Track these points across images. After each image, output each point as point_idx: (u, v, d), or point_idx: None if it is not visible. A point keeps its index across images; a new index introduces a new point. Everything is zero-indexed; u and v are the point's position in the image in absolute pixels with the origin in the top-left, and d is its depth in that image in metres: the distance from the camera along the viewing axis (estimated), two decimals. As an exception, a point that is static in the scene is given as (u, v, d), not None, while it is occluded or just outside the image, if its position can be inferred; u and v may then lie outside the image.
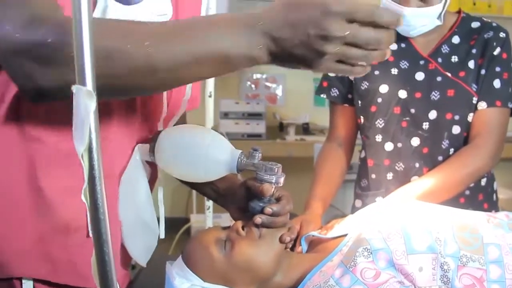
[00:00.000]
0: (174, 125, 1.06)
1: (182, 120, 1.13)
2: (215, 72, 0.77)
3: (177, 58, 0.70)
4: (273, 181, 0.93)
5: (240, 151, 0.93)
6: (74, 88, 0.46)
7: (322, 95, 1.63)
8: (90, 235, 0.50)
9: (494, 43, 1.42)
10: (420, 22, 1.40)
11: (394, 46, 1.50)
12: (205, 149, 0.92)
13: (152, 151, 0.95)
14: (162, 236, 1.13)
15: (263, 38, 0.69)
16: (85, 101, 0.45)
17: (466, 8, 4.11)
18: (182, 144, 0.94)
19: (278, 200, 0.99)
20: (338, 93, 1.59)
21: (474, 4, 4.18)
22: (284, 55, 0.71)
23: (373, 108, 1.49)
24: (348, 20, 0.67)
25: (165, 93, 1.03)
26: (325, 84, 1.62)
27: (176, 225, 3.34)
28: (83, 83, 0.46)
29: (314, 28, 0.67)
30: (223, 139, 0.95)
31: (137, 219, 0.99)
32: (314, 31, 0.67)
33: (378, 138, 1.50)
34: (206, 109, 2.31)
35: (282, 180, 0.95)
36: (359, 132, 1.62)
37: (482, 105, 1.41)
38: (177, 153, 0.94)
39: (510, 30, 1.52)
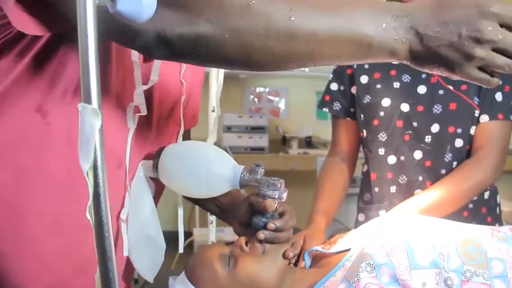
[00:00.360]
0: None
1: (187, 135, 1.13)
2: (350, 56, 0.70)
3: (318, 30, 0.65)
4: (276, 196, 0.94)
5: (243, 166, 0.94)
6: (80, 106, 0.47)
7: (324, 109, 1.64)
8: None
9: None
10: None
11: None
12: (207, 165, 0.92)
13: (155, 167, 0.96)
14: (181, 251, 1.14)
15: (408, 32, 0.66)
16: (91, 119, 0.46)
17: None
18: (185, 160, 0.95)
19: (281, 215, 0.99)
20: (340, 107, 1.60)
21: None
22: (427, 55, 0.66)
23: (376, 122, 1.50)
24: (500, 24, 0.64)
25: (181, 110, 1.04)
26: (327, 98, 1.63)
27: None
28: (88, 101, 0.46)
29: (468, 29, 0.63)
30: (226, 155, 0.95)
31: (143, 234, 0.99)
32: (467, 31, 0.64)
33: (381, 151, 1.50)
34: (209, 124, 2.31)
35: (285, 195, 0.95)
36: (361, 146, 1.62)
37: (484, 118, 1.41)
38: (180, 169, 0.94)
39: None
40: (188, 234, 3.73)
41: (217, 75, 1.36)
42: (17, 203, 0.83)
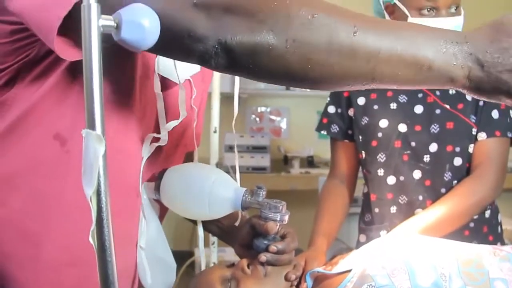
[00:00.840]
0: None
1: (190, 156, 1.14)
2: (408, 79, 0.68)
3: (381, 49, 0.64)
4: (278, 219, 0.94)
5: (245, 189, 0.94)
6: (84, 132, 0.48)
7: (322, 132, 1.65)
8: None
9: None
10: None
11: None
12: (209, 187, 0.93)
13: (157, 189, 0.96)
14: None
15: (468, 58, 0.64)
16: (95, 145, 0.47)
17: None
18: (187, 182, 0.95)
19: (283, 237, 0.99)
20: (338, 129, 1.61)
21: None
22: (488, 81, 0.65)
23: (374, 143, 1.51)
24: None
25: (194, 135, 1.06)
26: (325, 120, 1.64)
27: (180, 258, 3.31)
28: (92, 127, 0.47)
29: None
30: (227, 177, 0.96)
31: (152, 256, 0.99)
32: None
33: (380, 172, 1.51)
34: (211, 144, 2.33)
35: (286, 218, 0.96)
36: (361, 167, 1.63)
37: (482, 135, 1.42)
38: (182, 191, 0.95)
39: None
40: (189, 254, 3.71)
41: (218, 96, 1.39)
42: (34, 231, 0.82)
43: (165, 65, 0.92)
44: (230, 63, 0.66)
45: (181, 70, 0.95)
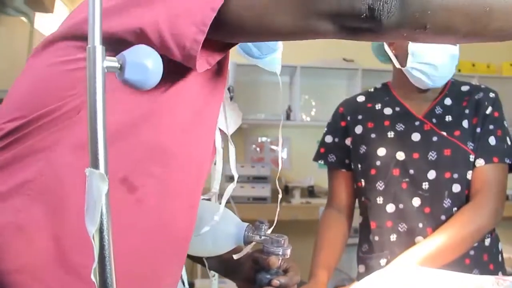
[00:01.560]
0: None
1: None
2: None
3: None
4: (280, 253, 0.95)
5: (247, 224, 0.95)
6: (87, 171, 0.49)
7: (320, 161, 1.67)
8: None
9: (486, 103, 1.47)
10: (447, 70, 1.44)
11: (388, 111, 1.55)
12: (212, 224, 0.93)
13: None
14: None
15: None
16: (98, 183, 0.48)
17: (465, 69, 4.20)
18: None
19: (285, 271, 0.99)
20: (335, 158, 1.63)
21: (473, 65, 4.27)
22: None
23: (373, 171, 1.53)
24: None
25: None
26: (322, 150, 1.67)
27: (181, 291, 3.28)
28: (96, 166, 0.48)
29: None
30: (230, 213, 0.97)
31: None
32: None
33: (380, 200, 1.52)
34: (212, 176, 2.33)
35: (289, 251, 0.96)
36: (358, 196, 1.64)
37: (480, 162, 1.44)
38: None
39: (509, 89, 1.58)
40: (190, 285, 3.68)
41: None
42: None
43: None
44: (404, 17, 0.65)
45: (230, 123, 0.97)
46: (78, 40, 0.72)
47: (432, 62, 1.42)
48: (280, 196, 1.02)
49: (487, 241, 1.50)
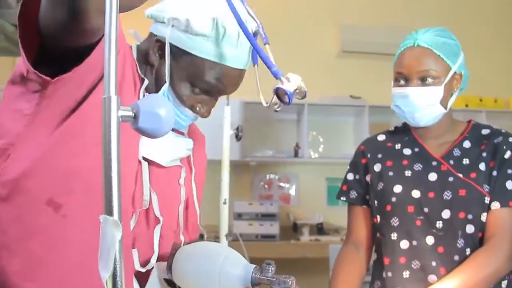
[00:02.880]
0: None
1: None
2: None
3: None
4: None
5: (254, 265, 0.95)
6: (101, 218, 0.50)
7: (342, 198, 1.69)
8: None
9: (504, 147, 1.48)
10: (422, 102, 1.47)
11: (408, 151, 1.58)
12: (219, 265, 0.94)
13: (169, 268, 0.97)
14: None
15: None
16: (112, 230, 0.49)
17: (472, 104, 4.22)
18: (198, 261, 0.97)
19: None
20: (356, 195, 1.66)
21: (481, 100, 4.29)
22: None
23: (388, 207, 1.54)
24: None
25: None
26: (344, 188, 1.70)
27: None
28: (110, 213, 0.49)
29: None
30: (237, 254, 0.97)
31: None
32: None
33: (394, 236, 1.52)
34: (221, 215, 2.34)
35: None
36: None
37: (496, 205, 1.43)
38: (193, 270, 0.96)
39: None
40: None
41: (228, 168, 1.46)
42: None
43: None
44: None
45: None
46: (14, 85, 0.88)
47: (402, 107, 1.50)
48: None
49: (504, 283, 1.48)
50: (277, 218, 3.92)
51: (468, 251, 1.43)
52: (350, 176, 1.69)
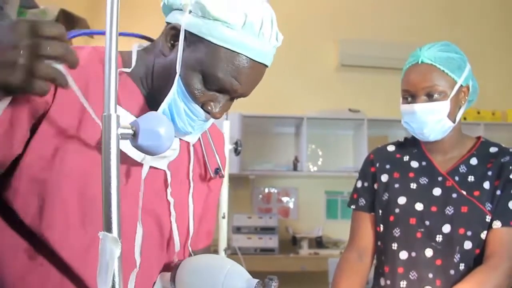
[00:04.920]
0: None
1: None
2: None
3: None
4: None
5: (257, 280, 0.95)
6: (101, 234, 0.50)
7: (352, 206, 1.71)
8: None
9: (510, 167, 1.49)
10: (430, 118, 1.48)
11: (415, 164, 1.60)
12: (222, 278, 0.94)
13: (173, 280, 0.98)
14: None
15: None
16: (111, 247, 0.49)
17: (470, 117, 4.24)
18: (201, 273, 0.97)
19: None
20: (365, 202, 1.68)
21: (479, 112, 4.30)
22: None
23: (391, 218, 1.56)
24: None
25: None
26: (355, 196, 1.72)
27: None
28: (109, 230, 0.50)
29: None
30: (240, 268, 0.97)
31: None
32: None
33: (394, 246, 1.54)
34: (220, 229, 2.34)
35: None
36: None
37: (497, 224, 1.45)
38: (196, 283, 0.96)
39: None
40: None
41: (227, 183, 1.43)
42: None
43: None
44: None
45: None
46: None
47: (411, 123, 1.52)
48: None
49: None
50: (276, 232, 3.91)
51: (462, 266, 1.45)
52: (359, 184, 1.71)
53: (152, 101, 0.98)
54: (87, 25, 3.20)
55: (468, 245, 1.45)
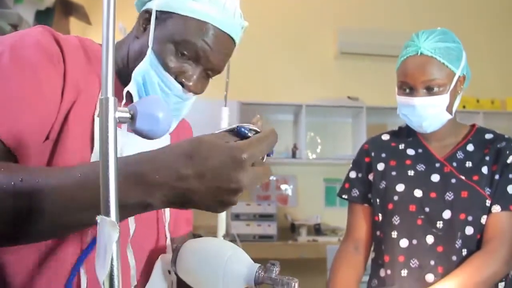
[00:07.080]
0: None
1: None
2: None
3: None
4: None
5: (259, 265, 0.95)
6: (99, 218, 0.50)
7: (344, 196, 1.70)
8: None
9: (507, 152, 1.50)
10: (429, 111, 1.48)
11: (411, 152, 1.59)
12: (224, 263, 0.94)
13: (174, 262, 0.98)
14: None
15: (159, 189, 0.66)
16: (109, 231, 0.49)
17: (470, 105, 4.24)
18: (202, 256, 0.97)
19: None
20: (358, 193, 1.67)
21: (478, 101, 4.30)
22: (184, 202, 0.68)
23: (390, 206, 1.55)
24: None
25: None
26: (347, 185, 1.71)
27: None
28: (107, 214, 0.49)
29: (226, 183, 0.65)
30: (242, 253, 0.97)
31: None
32: (225, 185, 0.65)
33: (394, 234, 1.53)
34: (218, 215, 2.34)
35: None
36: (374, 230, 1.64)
37: (496, 208, 1.45)
38: (197, 266, 0.96)
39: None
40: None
41: None
42: None
43: None
44: None
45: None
46: None
47: (409, 116, 1.51)
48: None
49: (501, 285, 1.49)
50: (275, 219, 3.92)
51: (464, 251, 1.44)
52: (353, 174, 1.70)
53: (126, 76, 1.03)
54: (84, 11, 3.18)
55: (469, 230, 1.45)
